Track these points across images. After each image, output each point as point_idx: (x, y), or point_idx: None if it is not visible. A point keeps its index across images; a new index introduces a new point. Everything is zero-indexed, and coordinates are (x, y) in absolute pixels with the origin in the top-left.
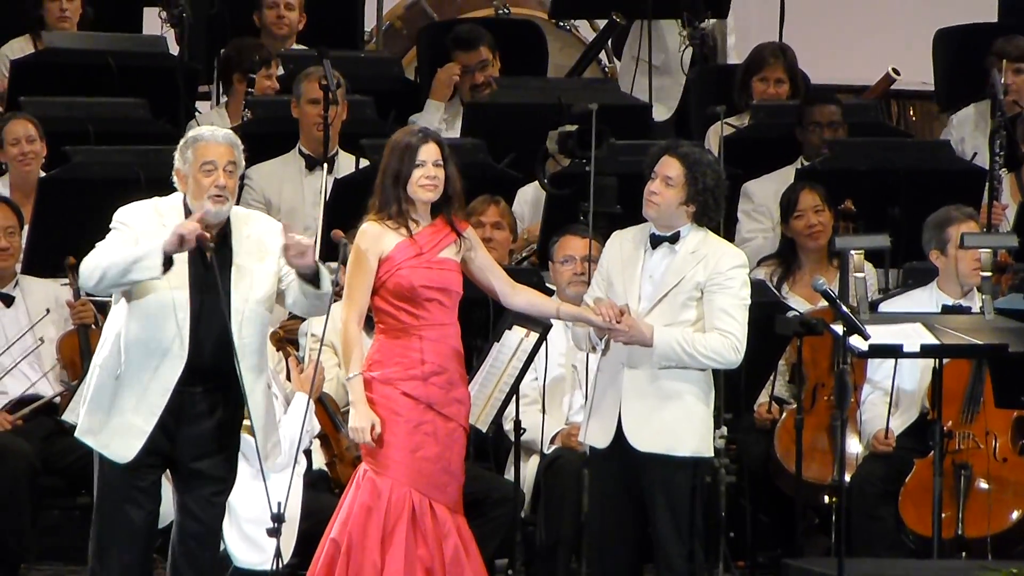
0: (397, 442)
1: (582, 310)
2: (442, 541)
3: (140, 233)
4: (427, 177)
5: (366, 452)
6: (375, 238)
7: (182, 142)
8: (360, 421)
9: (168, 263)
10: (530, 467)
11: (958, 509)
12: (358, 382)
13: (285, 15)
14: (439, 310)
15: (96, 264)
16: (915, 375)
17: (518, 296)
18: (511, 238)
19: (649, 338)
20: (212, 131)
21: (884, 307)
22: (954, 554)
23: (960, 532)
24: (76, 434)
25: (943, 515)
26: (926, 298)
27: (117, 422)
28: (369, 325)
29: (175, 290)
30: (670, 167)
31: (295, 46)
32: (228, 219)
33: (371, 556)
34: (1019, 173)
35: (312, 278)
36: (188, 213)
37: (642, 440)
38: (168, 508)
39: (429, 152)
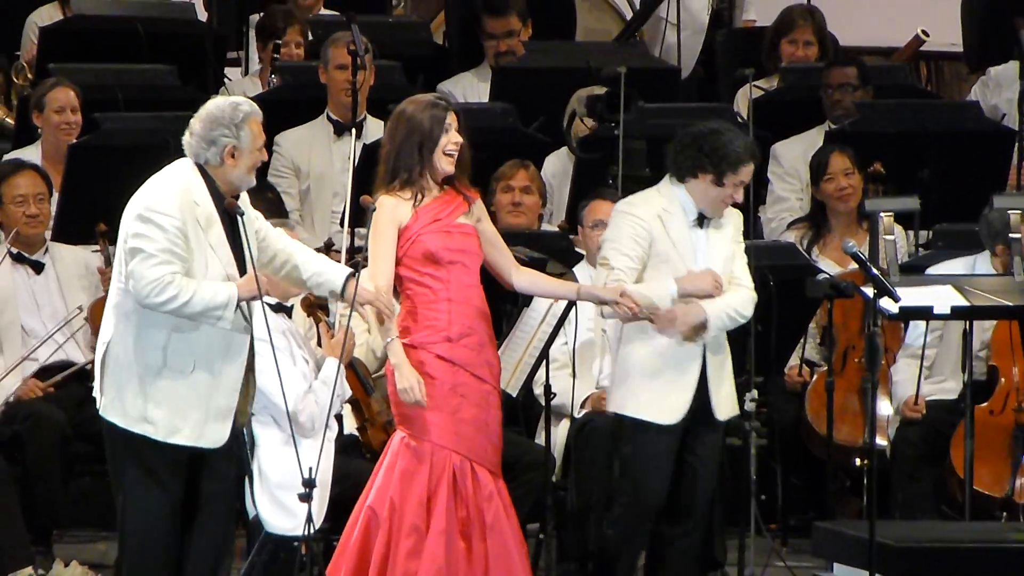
0: (435, 405)
1: (602, 292)
2: (483, 504)
3: (185, 225)
4: (454, 143)
5: (402, 419)
6: (392, 208)
7: (229, 118)
8: (406, 381)
9: None
10: (561, 431)
11: (1013, 469)
12: (397, 345)
13: None
14: (462, 272)
15: (175, 293)
16: (954, 341)
17: (521, 276)
18: (540, 203)
19: (704, 318)
20: (253, 105)
21: (933, 270)
22: (996, 515)
23: (1010, 495)
24: (161, 438)
25: (992, 472)
26: (979, 263)
27: (201, 413)
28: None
29: (226, 266)
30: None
31: (323, 11)
32: None
33: (412, 519)
34: None
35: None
36: (210, 182)
37: (723, 409)
38: None
39: (454, 119)
